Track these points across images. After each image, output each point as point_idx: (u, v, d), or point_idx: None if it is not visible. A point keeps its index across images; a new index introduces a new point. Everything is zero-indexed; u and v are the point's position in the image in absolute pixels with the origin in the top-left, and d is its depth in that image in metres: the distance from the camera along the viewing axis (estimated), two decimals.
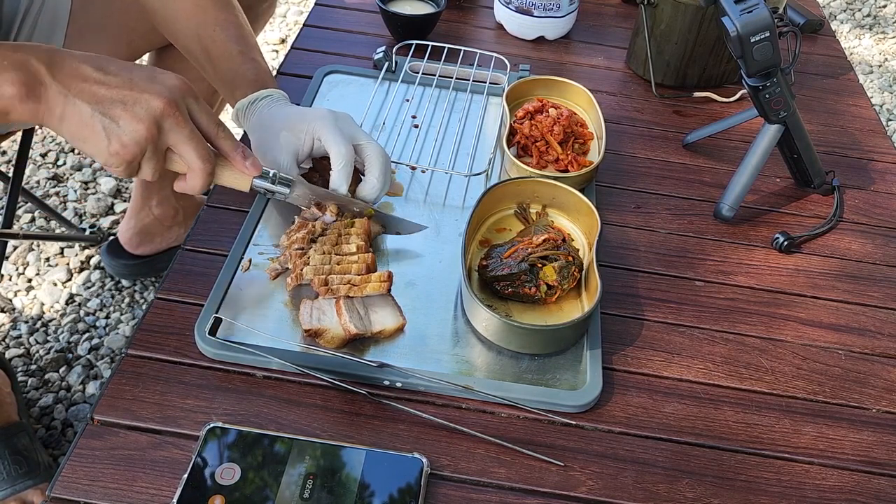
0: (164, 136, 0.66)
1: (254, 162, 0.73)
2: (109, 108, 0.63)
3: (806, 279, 0.89)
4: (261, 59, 0.87)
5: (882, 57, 2.46)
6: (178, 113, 0.65)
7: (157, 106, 0.64)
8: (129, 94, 0.63)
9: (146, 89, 0.64)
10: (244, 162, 0.72)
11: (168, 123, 0.65)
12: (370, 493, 0.62)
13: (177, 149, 0.67)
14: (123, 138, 0.64)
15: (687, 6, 1.09)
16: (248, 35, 0.87)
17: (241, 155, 0.72)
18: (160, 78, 0.66)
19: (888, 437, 0.74)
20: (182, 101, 0.66)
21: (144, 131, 0.64)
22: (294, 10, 2.36)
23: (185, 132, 0.66)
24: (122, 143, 0.64)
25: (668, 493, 0.67)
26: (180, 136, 0.66)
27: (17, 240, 1.53)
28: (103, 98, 0.63)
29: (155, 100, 0.64)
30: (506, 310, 0.79)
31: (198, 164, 0.68)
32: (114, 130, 0.63)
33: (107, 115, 0.63)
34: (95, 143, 0.64)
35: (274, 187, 0.76)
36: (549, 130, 0.97)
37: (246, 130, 0.85)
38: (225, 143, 0.71)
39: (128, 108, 0.63)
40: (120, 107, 0.63)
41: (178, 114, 0.65)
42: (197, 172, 0.68)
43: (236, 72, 0.84)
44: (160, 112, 0.64)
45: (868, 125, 1.16)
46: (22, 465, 1.10)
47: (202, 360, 0.72)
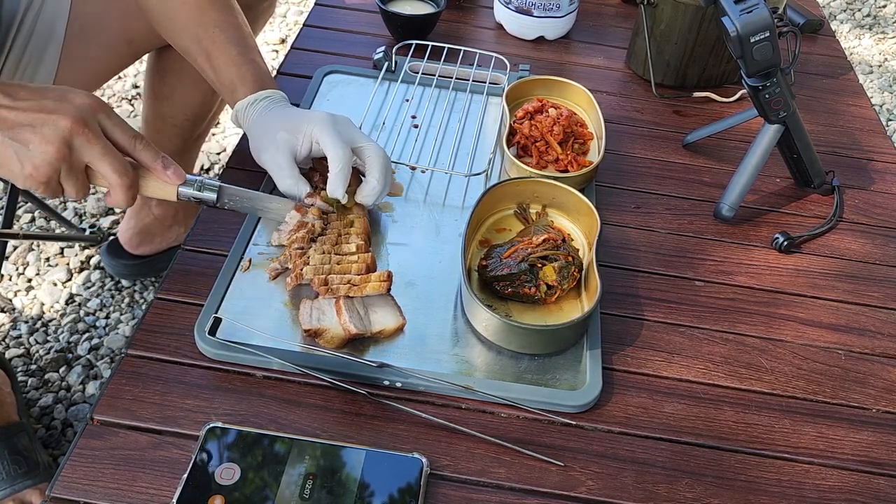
0: (76, 155, 0.66)
1: (175, 171, 0.73)
2: (19, 132, 0.64)
3: (806, 279, 0.89)
4: (260, 60, 0.87)
5: (882, 57, 2.46)
6: (88, 130, 0.66)
7: (65, 125, 0.65)
8: (37, 117, 0.65)
9: (54, 110, 0.65)
10: (165, 172, 0.73)
11: (78, 142, 0.66)
12: (370, 493, 0.62)
13: (93, 165, 0.68)
14: (35, 161, 0.65)
15: (687, 6, 1.09)
16: (247, 36, 0.87)
17: (161, 165, 0.72)
18: (69, 97, 0.66)
19: (888, 437, 0.74)
20: (92, 118, 0.67)
21: (54, 152, 0.65)
22: (294, 10, 2.36)
23: (97, 149, 0.67)
24: (34, 165, 0.65)
25: (668, 493, 0.67)
26: (93, 153, 0.67)
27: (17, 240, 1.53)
28: (13, 123, 0.64)
29: (62, 120, 0.65)
30: (506, 310, 0.79)
31: (115, 179, 0.68)
32: (25, 154, 0.65)
33: (17, 140, 0.65)
34: (9, 167, 0.66)
35: (200, 194, 0.76)
36: (548, 130, 0.97)
37: (245, 131, 0.85)
38: (144, 154, 0.71)
39: (36, 131, 0.64)
40: (29, 130, 0.64)
41: (87, 131, 0.66)
42: (115, 187, 0.69)
43: (235, 73, 0.84)
44: (69, 131, 0.65)
45: (868, 125, 1.16)
46: (21, 465, 1.10)
47: (202, 360, 0.72)
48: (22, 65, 0.97)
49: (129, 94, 1.94)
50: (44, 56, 0.98)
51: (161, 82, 1.20)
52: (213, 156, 1.79)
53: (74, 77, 1.02)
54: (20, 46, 0.97)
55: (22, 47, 0.97)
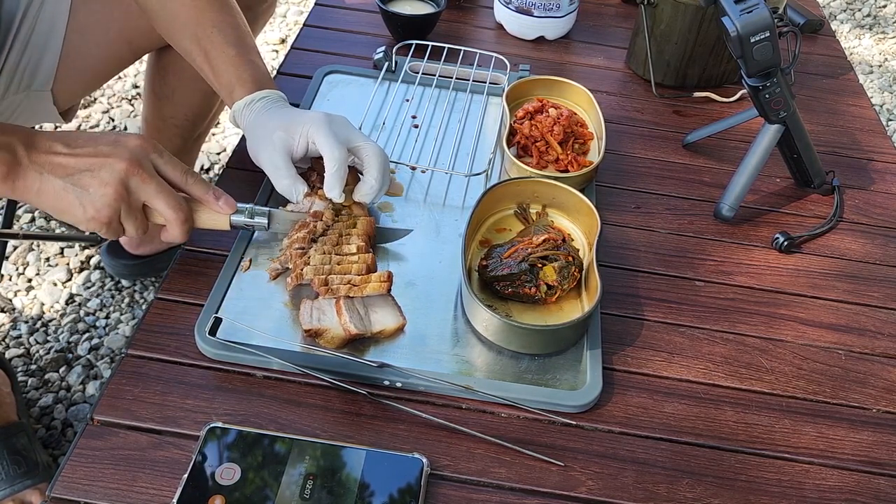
0: (133, 195, 0.70)
1: (227, 201, 0.76)
2: (79, 178, 0.68)
3: (806, 279, 0.89)
4: (259, 60, 0.87)
5: (882, 57, 2.46)
6: (143, 171, 0.69)
7: (121, 168, 0.68)
8: (94, 162, 0.68)
9: (109, 154, 0.68)
10: (216, 203, 0.75)
11: (134, 182, 0.69)
12: (370, 493, 0.62)
13: (149, 203, 0.71)
14: (96, 203, 0.68)
15: (687, 6, 1.09)
16: (245, 36, 0.87)
17: (213, 196, 0.75)
18: (122, 141, 0.70)
19: (888, 437, 0.74)
20: (145, 158, 0.70)
21: (113, 193, 0.68)
22: (294, 10, 2.36)
23: (153, 187, 0.70)
24: (96, 208, 0.68)
25: (668, 493, 0.67)
26: (148, 191, 0.70)
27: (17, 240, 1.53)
28: (73, 170, 0.68)
29: (118, 163, 0.68)
30: (506, 310, 0.79)
31: (171, 215, 0.72)
32: (86, 197, 0.68)
33: (77, 185, 0.68)
34: (72, 212, 0.69)
35: (251, 221, 0.78)
36: (549, 130, 0.97)
37: (242, 131, 0.85)
38: (195, 188, 0.74)
39: (95, 175, 0.68)
40: (88, 175, 0.68)
41: (142, 171, 0.69)
42: (172, 222, 0.72)
43: (233, 74, 0.84)
44: (125, 173, 0.68)
45: (868, 125, 1.16)
46: (21, 465, 1.10)
47: (202, 360, 0.72)
48: (22, 65, 0.97)
49: (129, 94, 1.94)
50: (44, 56, 0.98)
51: (161, 82, 1.20)
52: (213, 156, 1.79)
53: (74, 77, 1.02)
54: (20, 47, 0.96)
55: (22, 48, 0.97)
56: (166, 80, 1.19)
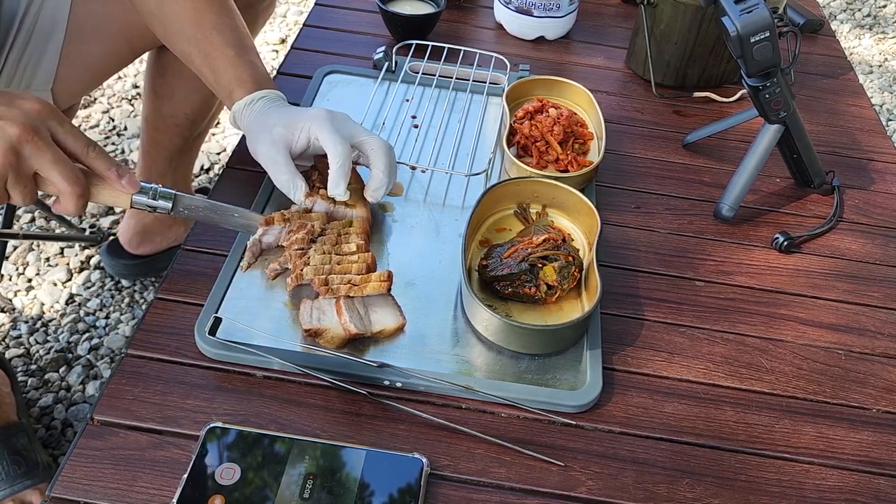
0: (25, 162, 0.64)
1: (130, 180, 0.72)
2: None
3: (806, 279, 0.89)
4: (258, 61, 0.87)
5: (882, 57, 2.46)
6: (38, 137, 0.64)
7: (13, 132, 0.63)
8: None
9: (2, 115, 0.63)
10: (119, 181, 0.71)
11: (27, 149, 0.64)
12: (370, 493, 0.62)
13: (42, 173, 0.66)
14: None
15: (687, 6, 1.09)
16: (244, 38, 0.87)
17: (115, 174, 0.71)
18: (18, 103, 0.65)
19: (888, 437, 0.74)
20: (42, 124, 0.65)
21: (1, 158, 0.63)
22: (294, 10, 2.36)
23: (47, 156, 0.65)
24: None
25: (668, 493, 0.67)
26: (42, 160, 0.65)
27: (17, 240, 1.53)
28: None
29: (10, 126, 0.63)
30: (506, 310, 0.79)
31: (65, 187, 0.67)
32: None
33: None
34: None
35: (155, 202, 0.75)
36: (549, 130, 0.97)
37: (243, 131, 0.85)
38: (97, 162, 0.69)
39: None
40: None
41: (36, 138, 0.64)
42: (65, 195, 0.68)
43: (233, 75, 0.84)
44: (17, 138, 0.63)
45: (868, 125, 1.16)
46: (21, 466, 1.10)
47: (202, 360, 0.72)
48: (22, 64, 0.97)
49: (129, 94, 1.94)
50: (44, 55, 0.98)
51: (161, 81, 1.20)
52: (213, 156, 1.79)
53: (74, 76, 1.02)
54: (20, 46, 0.97)
55: (22, 47, 0.97)
56: (166, 80, 1.19)
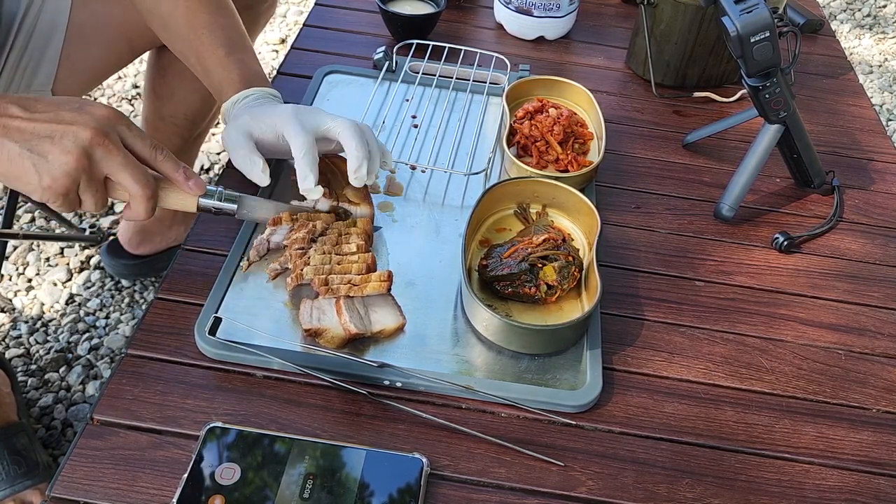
0: (96, 166, 0.65)
1: (197, 182, 0.72)
2: (37, 144, 0.63)
3: (806, 279, 0.89)
4: (250, 59, 0.86)
5: (882, 57, 2.46)
6: (108, 141, 0.65)
7: (85, 136, 0.63)
8: (56, 128, 0.63)
9: (73, 121, 0.64)
10: (187, 182, 0.72)
11: (98, 153, 0.64)
12: (370, 493, 0.62)
13: (113, 177, 0.67)
14: (53, 172, 0.63)
15: (687, 6, 1.09)
16: (236, 37, 0.86)
17: (182, 176, 0.71)
18: (87, 109, 0.65)
19: (888, 437, 0.74)
20: (112, 129, 0.65)
21: (74, 162, 0.63)
22: (294, 10, 2.36)
23: (118, 160, 0.66)
24: (53, 176, 0.63)
25: (668, 493, 0.67)
26: (113, 164, 0.65)
27: (17, 240, 1.53)
28: (31, 135, 0.63)
29: (82, 131, 0.63)
30: (506, 310, 0.79)
31: (136, 190, 0.67)
32: (43, 165, 0.63)
33: (34, 152, 0.63)
34: (27, 179, 0.64)
35: (221, 204, 0.76)
36: (549, 130, 0.97)
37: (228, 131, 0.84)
38: (165, 165, 0.70)
39: (55, 142, 0.63)
40: (48, 142, 0.63)
41: (107, 142, 0.64)
42: (137, 199, 0.68)
43: (222, 75, 0.84)
44: (89, 142, 0.64)
45: (868, 125, 1.16)
46: (21, 466, 1.10)
47: (202, 360, 0.72)
48: (22, 65, 0.97)
49: (129, 94, 1.94)
50: (44, 56, 0.98)
51: (161, 82, 1.20)
52: (213, 156, 1.79)
53: (74, 76, 1.02)
54: (20, 46, 0.97)
55: (22, 47, 0.97)
56: (166, 80, 1.19)
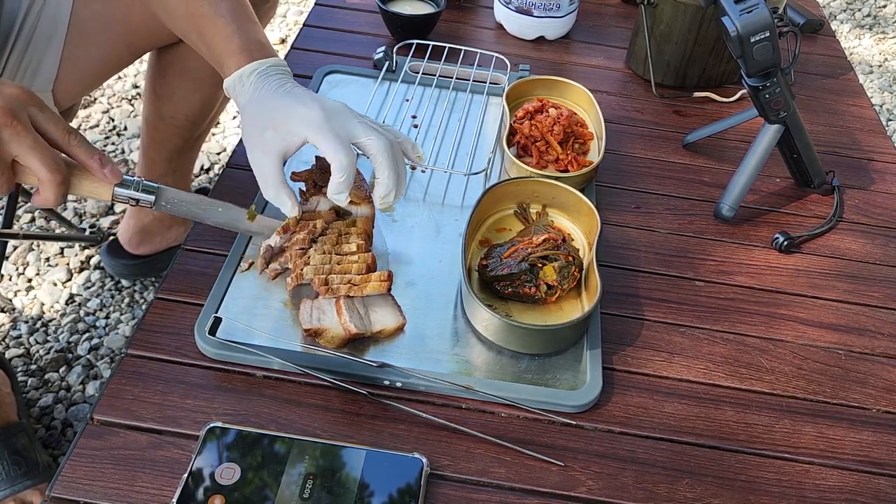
0: (3, 147, 0.62)
1: (112, 170, 0.69)
2: None
3: (806, 279, 0.89)
4: (253, 28, 0.80)
5: (882, 57, 2.46)
6: (17, 122, 0.62)
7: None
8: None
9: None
10: (102, 170, 0.68)
11: (6, 133, 0.62)
12: (370, 493, 0.62)
13: (21, 160, 0.64)
14: None
15: (687, 6, 1.09)
16: (238, 7, 0.81)
17: (97, 162, 0.68)
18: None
19: (888, 437, 0.74)
20: (22, 109, 0.63)
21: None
22: (294, 10, 2.36)
23: (27, 142, 0.63)
24: None
25: (668, 493, 0.67)
26: (22, 146, 0.63)
27: (17, 240, 1.53)
28: None
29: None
30: (506, 310, 0.79)
31: (45, 175, 0.64)
32: None
33: None
34: None
35: (138, 195, 0.72)
36: (549, 130, 0.97)
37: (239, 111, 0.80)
38: (79, 150, 0.67)
39: None
40: None
41: (16, 123, 0.62)
42: (46, 184, 0.65)
43: (223, 46, 0.79)
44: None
45: (868, 125, 1.16)
46: (21, 466, 1.10)
47: (202, 360, 0.72)
48: (23, 65, 0.97)
49: (130, 94, 1.94)
50: (45, 56, 0.98)
51: (162, 82, 1.20)
52: (212, 156, 1.79)
53: (75, 77, 1.02)
54: (21, 47, 0.96)
55: (23, 48, 0.97)
56: (166, 81, 1.19)
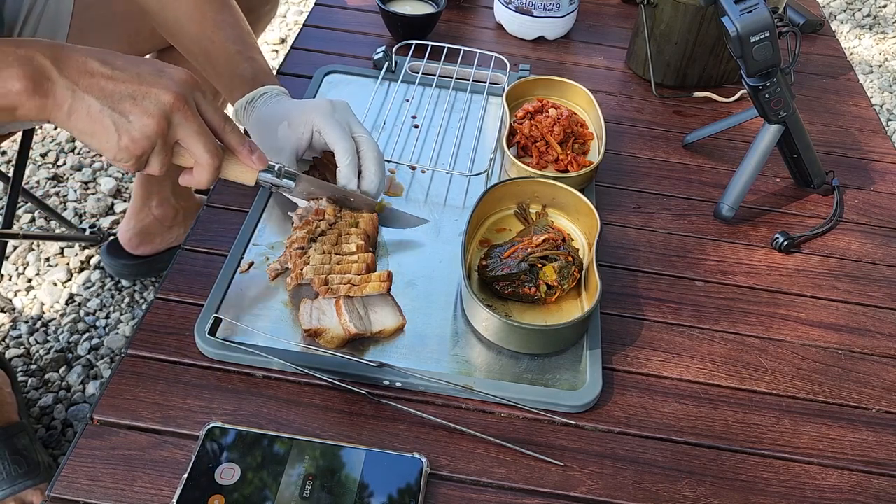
0: (173, 131, 0.65)
1: (259, 156, 0.73)
2: (119, 102, 0.63)
3: (806, 279, 0.89)
4: (259, 57, 0.87)
5: (882, 57, 2.46)
6: (187, 107, 0.65)
7: (167, 100, 0.64)
8: (138, 89, 0.63)
9: (155, 83, 0.64)
10: (251, 156, 0.72)
11: (177, 118, 0.65)
12: (370, 493, 0.62)
13: (185, 143, 0.67)
14: (133, 133, 0.63)
15: (687, 6, 1.09)
16: (246, 35, 0.87)
17: (247, 149, 0.72)
18: (168, 72, 0.66)
19: (888, 437, 0.74)
20: (190, 95, 0.66)
21: (155, 125, 0.63)
22: (294, 10, 2.36)
23: (194, 126, 0.66)
24: (133, 137, 0.63)
25: (668, 493, 0.67)
26: (189, 130, 0.66)
27: (17, 240, 1.53)
28: (112, 93, 0.63)
29: (164, 94, 0.64)
30: (506, 310, 0.79)
31: (206, 159, 0.68)
32: (123, 125, 0.63)
33: (116, 110, 0.63)
34: (105, 138, 0.64)
35: (279, 181, 0.76)
36: (549, 130, 0.97)
37: (246, 129, 0.86)
38: (232, 136, 0.71)
39: (137, 103, 0.63)
40: (129, 101, 0.63)
41: (186, 108, 0.65)
42: (204, 167, 0.68)
43: (234, 72, 0.85)
44: (170, 106, 0.64)
45: (868, 125, 1.16)
46: (21, 465, 1.10)
47: (202, 360, 0.72)
48: None
49: None
50: None
51: None
52: None
53: None
54: None
55: None
56: None
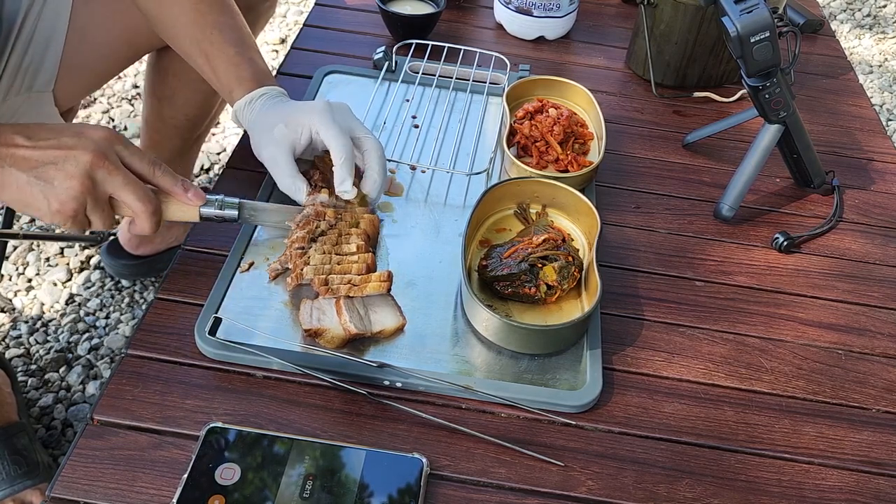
0: (99, 187, 0.68)
1: (196, 192, 0.75)
2: (43, 171, 0.66)
3: (806, 279, 0.89)
4: (258, 59, 0.87)
5: (882, 57, 2.46)
6: (108, 162, 0.68)
7: (86, 160, 0.67)
8: (58, 154, 0.67)
9: (74, 146, 0.67)
10: (186, 194, 0.74)
11: (100, 174, 0.68)
12: (370, 494, 0.62)
13: (116, 196, 0.70)
14: (60, 196, 0.67)
15: (687, 6, 1.09)
16: (245, 37, 0.87)
17: (181, 188, 0.74)
18: (87, 133, 0.68)
19: (888, 437, 0.74)
20: (110, 150, 0.68)
21: (78, 185, 0.67)
22: (294, 10, 2.36)
23: (120, 179, 0.69)
24: (61, 200, 0.67)
25: (668, 493, 0.67)
26: (116, 183, 0.69)
27: (17, 240, 1.53)
28: (36, 162, 0.66)
29: (83, 154, 0.67)
30: (506, 310, 0.79)
31: (139, 207, 0.70)
32: (50, 191, 0.67)
33: (41, 178, 0.66)
34: (37, 205, 0.68)
35: (222, 213, 0.77)
36: (549, 130, 0.97)
37: (246, 130, 0.86)
38: (163, 179, 0.73)
39: (59, 168, 0.66)
40: (52, 168, 0.66)
41: (107, 163, 0.68)
42: (140, 215, 0.71)
43: (233, 73, 0.85)
44: (90, 164, 0.67)
45: (868, 125, 1.16)
46: (21, 466, 1.10)
47: (202, 360, 0.72)
48: (23, 68, 0.97)
49: (129, 94, 1.94)
50: (45, 58, 0.98)
51: (161, 83, 1.20)
52: (213, 156, 1.79)
53: (75, 79, 1.02)
54: (21, 48, 0.96)
55: (23, 50, 0.96)
56: (166, 82, 1.19)
